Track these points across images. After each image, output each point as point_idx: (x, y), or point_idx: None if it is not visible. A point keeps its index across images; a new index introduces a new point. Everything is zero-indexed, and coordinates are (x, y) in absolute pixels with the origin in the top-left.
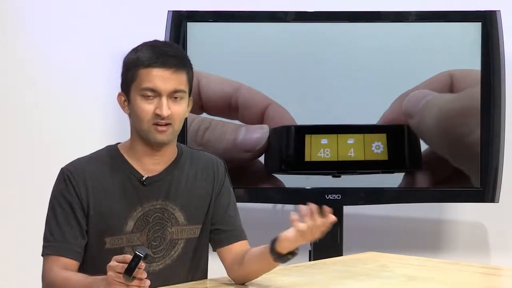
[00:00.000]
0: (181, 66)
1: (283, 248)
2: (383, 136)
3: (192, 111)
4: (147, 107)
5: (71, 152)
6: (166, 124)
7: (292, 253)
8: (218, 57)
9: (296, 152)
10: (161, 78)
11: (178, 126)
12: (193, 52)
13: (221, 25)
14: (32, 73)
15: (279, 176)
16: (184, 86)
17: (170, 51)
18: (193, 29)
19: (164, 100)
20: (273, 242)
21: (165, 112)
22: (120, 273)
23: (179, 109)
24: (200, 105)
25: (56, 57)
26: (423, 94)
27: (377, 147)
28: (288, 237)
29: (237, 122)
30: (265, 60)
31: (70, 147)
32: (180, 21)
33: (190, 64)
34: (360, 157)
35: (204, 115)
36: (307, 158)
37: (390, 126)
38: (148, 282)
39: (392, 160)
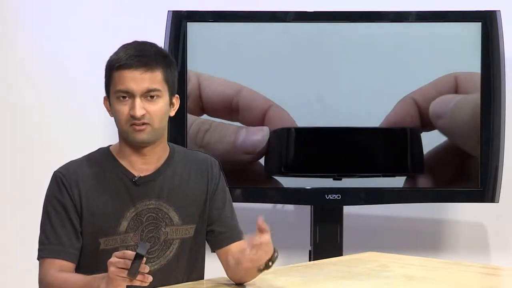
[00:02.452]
0: (154, 65)
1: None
2: (384, 139)
3: (193, 112)
4: (122, 109)
5: (71, 152)
6: (144, 124)
7: (271, 260)
8: (218, 57)
9: (295, 155)
10: (132, 79)
11: (158, 124)
12: (193, 52)
13: (221, 25)
14: (32, 73)
15: (278, 177)
16: (158, 85)
17: (143, 50)
18: (193, 29)
19: (137, 100)
20: None
21: (138, 112)
22: (121, 268)
23: (155, 108)
24: (201, 106)
25: (56, 57)
26: (450, 97)
27: (378, 150)
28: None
29: (238, 124)
30: (265, 60)
31: (70, 147)
32: (180, 21)
33: (169, 62)
34: (361, 161)
35: (205, 116)
36: (307, 161)
37: (392, 129)
38: (150, 278)
39: (394, 164)
